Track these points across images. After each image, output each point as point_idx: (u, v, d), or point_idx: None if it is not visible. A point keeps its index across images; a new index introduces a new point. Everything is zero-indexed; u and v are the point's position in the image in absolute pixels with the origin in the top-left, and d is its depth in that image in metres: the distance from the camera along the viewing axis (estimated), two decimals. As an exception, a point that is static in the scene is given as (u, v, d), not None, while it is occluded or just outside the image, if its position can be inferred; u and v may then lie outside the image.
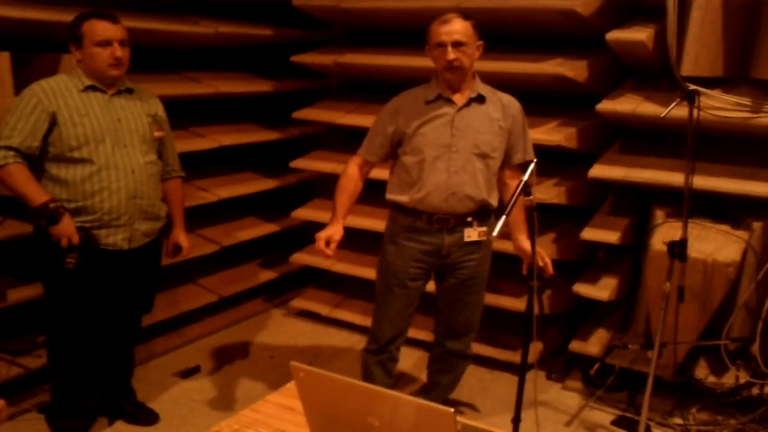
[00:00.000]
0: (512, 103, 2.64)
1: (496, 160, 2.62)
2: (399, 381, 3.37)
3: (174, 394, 3.29)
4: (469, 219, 2.62)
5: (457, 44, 2.45)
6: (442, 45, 2.47)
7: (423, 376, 3.01)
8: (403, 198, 2.64)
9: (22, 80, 2.59)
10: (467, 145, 2.54)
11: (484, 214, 2.67)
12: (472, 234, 2.63)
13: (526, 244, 2.65)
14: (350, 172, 2.69)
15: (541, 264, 2.58)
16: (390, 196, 2.69)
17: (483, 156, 2.57)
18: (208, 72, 3.89)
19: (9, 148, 2.45)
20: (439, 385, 2.98)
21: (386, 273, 2.74)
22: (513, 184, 2.71)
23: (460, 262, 2.69)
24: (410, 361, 3.46)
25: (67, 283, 2.62)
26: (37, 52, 2.94)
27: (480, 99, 2.57)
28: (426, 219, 2.61)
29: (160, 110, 2.80)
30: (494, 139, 2.58)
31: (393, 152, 2.67)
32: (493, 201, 2.67)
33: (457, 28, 2.45)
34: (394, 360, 2.87)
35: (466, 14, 2.51)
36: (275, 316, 4.33)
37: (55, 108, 2.49)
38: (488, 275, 2.81)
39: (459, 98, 2.56)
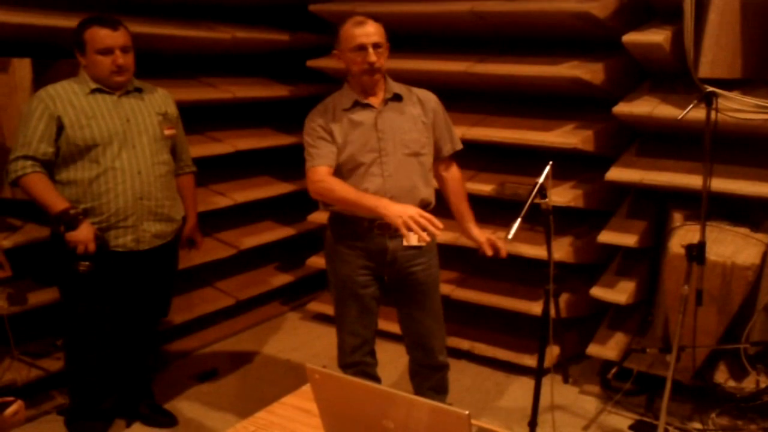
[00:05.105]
0: (428, 97, 2.61)
1: (428, 156, 2.58)
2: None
3: (191, 397, 3.32)
4: None
5: (376, 46, 2.42)
6: (362, 48, 2.41)
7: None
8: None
9: (42, 86, 2.62)
10: (396, 146, 2.49)
11: None
12: (411, 239, 2.52)
13: (475, 231, 2.65)
14: (331, 178, 2.50)
15: (489, 251, 2.56)
16: (330, 205, 2.61)
17: (415, 155, 2.52)
18: (224, 77, 3.92)
19: (27, 157, 2.50)
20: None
21: (336, 284, 2.68)
22: (448, 176, 2.71)
23: (407, 267, 2.60)
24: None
25: (81, 286, 2.65)
26: (57, 58, 2.98)
27: (396, 98, 2.53)
28: (366, 225, 2.53)
29: (170, 108, 2.81)
30: (421, 136, 2.54)
31: None
32: (433, 198, 2.62)
33: (374, 29, 2.42)
34: (371, 365, 2.79)
35: (374, 17, 2.47)
36: (292, 320, 4.35)
37: (61, 112, 2.52)
38: (439, 281, 2.72)
39: (375, 101, 2.51)
